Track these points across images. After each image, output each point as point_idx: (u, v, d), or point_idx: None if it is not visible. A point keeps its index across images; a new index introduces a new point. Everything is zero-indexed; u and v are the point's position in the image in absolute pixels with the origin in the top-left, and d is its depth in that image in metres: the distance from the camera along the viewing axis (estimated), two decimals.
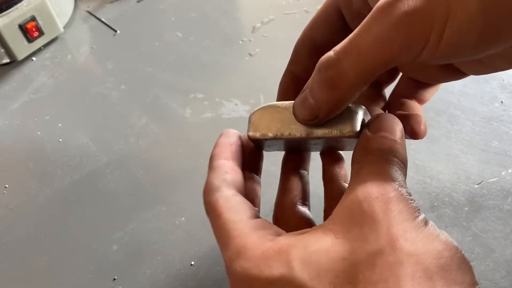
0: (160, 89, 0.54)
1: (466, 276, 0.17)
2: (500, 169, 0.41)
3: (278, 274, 0.19)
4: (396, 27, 0.18)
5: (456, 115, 0.46)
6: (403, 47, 0.19)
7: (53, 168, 0.47)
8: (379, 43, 0.19)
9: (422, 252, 0.17)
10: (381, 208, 0.18)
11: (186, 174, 0.45)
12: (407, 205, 0.19)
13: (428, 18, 0.18)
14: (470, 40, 0.18)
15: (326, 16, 0.27)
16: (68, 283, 0.39)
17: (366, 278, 0.17)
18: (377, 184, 0.19)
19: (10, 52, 0.58)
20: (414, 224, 0.18)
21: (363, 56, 0.19)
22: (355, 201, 0.19)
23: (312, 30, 0.27)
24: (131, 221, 0.42)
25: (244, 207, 0.23)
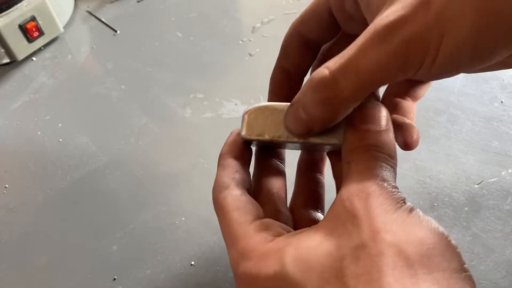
0: (160, 89, 0.54)
1: (452, 262, 0.18)
2: (500, 169, 0.41)
3: (273, 271, 0.20)
4: (394, 53, 0.19)
5: (456, 115, 0.46)
6: (400, 70, 0.20)
7: (53, 168, 0.47)
8: (377, 66, 0.20)
9: (403, 242, 0.18)
10: (361, 205, 0.19)
11: (186, 174, 0.45)
12: (388, 198, 0.19)
13: (423, 44, 0.19)
14: (463, 60, 0.19)
15: (316, 13, 0.26)
16: (68, 283, 0.39)
17: (351, 271, 0.18)
18: (358, 182, 0.20)
19: (10, 52, 0.58)
20: (395, 215, 0.19)
21: (361, 77, 0.20)
22: (339, 201, 0.20)
23: (302, 25, 0.27)
24: (131, 221, 0.42)
25: (251, 208, 0.23)
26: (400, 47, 0.19)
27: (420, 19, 0.19)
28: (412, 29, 0.19)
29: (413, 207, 0.19)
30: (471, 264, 0.36)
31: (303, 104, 0.22)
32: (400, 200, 0.19)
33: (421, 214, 0.19)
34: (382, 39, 0.19)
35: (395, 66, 0.20)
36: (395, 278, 0.17)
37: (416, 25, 0.19)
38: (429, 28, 0.19)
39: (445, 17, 0.18)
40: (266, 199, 0.27)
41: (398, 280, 0.17)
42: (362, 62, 0.20)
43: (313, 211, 0.28)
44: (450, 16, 0.18)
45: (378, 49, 0.19)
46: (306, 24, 0.27)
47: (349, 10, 0.25)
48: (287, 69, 0.28)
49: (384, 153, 0.21)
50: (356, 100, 0.21)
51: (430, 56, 0.19)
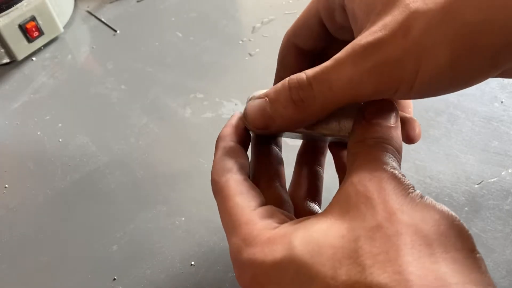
0: (160, 89, 0.54)
1: (465, 243, 0.18)
2: (500, 169, 0.41)
3: (280, 256, 0.19)
4: (368, 74, 0.20)
5: (456, 115, 0.46)
6: (374, 92, 0.20)
7: (53, 168, 0.47)
8: (350, 84, 0.20)
9: (419, 221, 0.18)
10: (375, 187, 0.19)
11: (186, 174, 0.45)
12: (400, 183, 0.19)
13: (398, 70, 0.19)
14: (441, 86, 0.20)
15: (307, 24, 0.27)
16: (68, 283, 0.39)
17: (366, 251, 0.17)
18: (370, 168, 0.20)
19: (10, 52, 0.58)
20: (409, 198, 0.19)
21: (333, 91, 0.21)
22: (350, 185, 0.20)
23: (295, 37, 0.28)
24: (131, 221, 0.42)
25: (254, 194, 0.23)
26: (374, 68, 0.19)
27: (397, 44, 0.19)
28: (387, 53, 0.19)
29: (423, 194, 0.20)
30: None
31: (272, 100, 0.23)
32: (411, 187, 0.20)
33: (432, 200, 0.19)
34: (357, 57, 0.20)
35: (369, 87, 0.20)
36: (413, 257, 0.17)
37: (392, 49, 0.19)
38: (405, 53, 0.19)
39: (423, 45, 0.18)
40: (268, 186, 0.26)
41: (417, 259, 0.17)
42: (336, 76, 0.20)
43: (311, 202, 0.28)
44: (428, 44, 0.18)
45: (353, 66, 0.20)
46: (299, 36, 0.27)
47: (339, 21, 0.25)
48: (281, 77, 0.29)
49: (392, 147, 0.22)
50: (324, 112, 0.22)
51: (406, 82, 0.19)
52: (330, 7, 0.25)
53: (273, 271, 0.19)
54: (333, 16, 0.25)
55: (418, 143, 0.44)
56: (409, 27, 0.19)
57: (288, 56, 0.28)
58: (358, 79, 0.20)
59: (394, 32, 0.19)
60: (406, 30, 0.19)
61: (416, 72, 0.19)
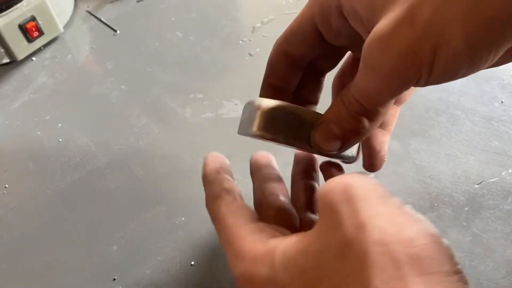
0: (160, 89, 0.54)
1: (444, 265, 0.16)
2: (500, 169, 0.41)
3: (265, 275, 0.20)
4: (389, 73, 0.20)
5: (456, 115, 0.46)
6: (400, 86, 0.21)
7: (53, 168, 0.47)
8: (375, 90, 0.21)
9: (392, 241, 0.17)
10: (341, 197, 0.18)
11: (186, 174, 0.45)
12: (372, 189, 0.19)
13: (415, 58, 0.19)
14: (459, 68, 0.19)
15: (301, 32, 0.26)
16: (68, 283, 0.39)
17: (339, 272, 0.17)
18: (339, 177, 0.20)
19: (10, 52, 0.58)
20: (382, 208, 0.18)
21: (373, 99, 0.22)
22: (319, 197, 0.20)
23: (287, 44, 0.27)
24: (131, 221, 0.42)
25: (244, 212, 0.24)
26: (395, 67, 0.19)
27: (406, 35, 0.19)
28: (401, 46, 0.19)
29: (402, 203, 0.18)
30: (471, 264, 0.36)
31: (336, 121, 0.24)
32: (387, 193, 0.19)
33: (412, 211, 0.18)
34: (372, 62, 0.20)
35: (394, 84, 0.20)
36: (382, 281, 0.16)
37: (404, 41, 0.19)
38: (417, 41, 0.19)
39: (434, 28, 0.18)
40: (272, 200, 0.27)
41: (386, 282, 0.16)
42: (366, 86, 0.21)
43: (311, 214, 0.29)
44: (438, 26, 0.18)
45: (373, 73, 0.20)
46: (291, 43, 0.27)
47: (336, 26, 0.24)
48: (275, 86, 0.29)
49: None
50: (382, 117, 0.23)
51: (426, 67, 0.19)
52: (325, 12, 0.24)
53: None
54: (328, 21, 0.24)
55: (418, 143, 0.44)
56: (414, 15, 0.18)
57: (279, 64, 0.28)
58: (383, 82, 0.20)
59: (400, 24, 0.19)
60: (412, 18, 0.18)
61: (433, 55, 0.19)
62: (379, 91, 0.21)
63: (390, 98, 0.22)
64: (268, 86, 0.29)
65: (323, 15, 0.24)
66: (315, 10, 0.25)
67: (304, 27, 0.26)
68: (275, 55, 0.28)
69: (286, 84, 0.28)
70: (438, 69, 0.19)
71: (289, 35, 0.27)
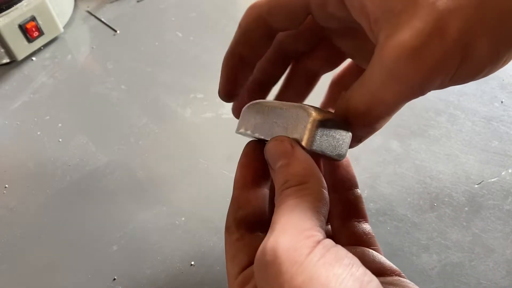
0: (160, 89, 0.54)
1: None
2: (500, 169, 0.41)
3: None
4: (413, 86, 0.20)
5: (456, 115, 0.46)
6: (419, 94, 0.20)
7: (53, 168, 0.47)
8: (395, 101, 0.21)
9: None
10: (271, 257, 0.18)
11: (186, 174, 0.45)
12: (298, 242, 0.18)
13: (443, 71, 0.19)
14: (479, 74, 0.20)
15: (289, 8, 0.24)
16: (68, 283, 0.39)
17: None
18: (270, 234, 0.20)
19: (10, 52, 0.58)
20: (308, 260, 0.17)
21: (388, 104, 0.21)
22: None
23: (269, 16, 0.25)
24: (131, 221, 0.42)
25: (241, 258, 0.23)
26: (422, 79, 0.19)
27: (437, 48, 0.19)
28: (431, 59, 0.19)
29: (323, 251, 0.18)
30: (471, 264, 0.36)
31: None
32: (306, 249, 0.18)
33: (327, 267, 0.17)
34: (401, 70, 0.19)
35: (415, 94, 0.20)
36: None
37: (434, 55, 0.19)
38: (446, 54, 0.19)
39: (463, 43, 0.19)
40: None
41: None
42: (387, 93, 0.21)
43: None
44: (467, 40, 0.18)
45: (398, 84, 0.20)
46: (274, 15, 0.25)
47: (331, 11, 0.23)
48: (244, 56, 0.27)
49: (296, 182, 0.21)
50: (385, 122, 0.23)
51: (447, 75, 0.20)
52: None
53: None
54: (325, 4, 0.23)
55: (418, 143, 0.44)
56: (444, 28, 0.18)
57: (254, 33, 0.26)
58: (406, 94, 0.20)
59: (430, 37, 0.19)
60: (442, 31, 0.18)
61: (457, 67, 0.19)
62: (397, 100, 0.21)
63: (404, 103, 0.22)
64: (236, 54, 0.27)
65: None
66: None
67: (293, 4, 0.24)
68: (252, 23, 0.26)
69: (255, 55, 0.27)
70: (460, 75, 0.20)
71: (273, 7, 0.25)
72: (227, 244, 0.24)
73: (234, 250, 0.23)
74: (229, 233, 0.24)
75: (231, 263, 0.23)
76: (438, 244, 0.37)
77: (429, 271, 0.36)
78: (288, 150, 0.22)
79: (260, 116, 0.25)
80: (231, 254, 0.24)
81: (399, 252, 0.37)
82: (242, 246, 0.24)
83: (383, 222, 0.39)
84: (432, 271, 0.36)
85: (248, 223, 0.24)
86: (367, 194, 0.41)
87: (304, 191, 0.21)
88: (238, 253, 0.23)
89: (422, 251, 0.37)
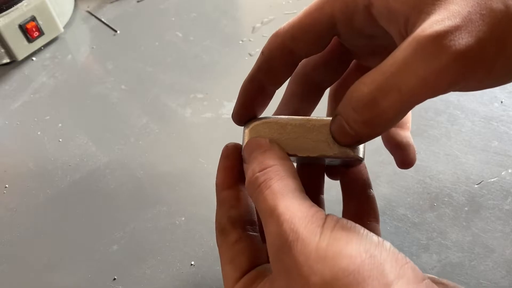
0: (160, 89, 0.54)
1: (382, 277, 0.17)
2: (500, 169, 0.41)
3: None
4: (446, 68, 0.17)
5: (456, 115, 0.46)
6: (450, 86, 0.18)
7: (53, 168, 0.47)
8: (424, 84, 0.18)
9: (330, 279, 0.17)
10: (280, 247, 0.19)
11: (186, 174, 0.45)
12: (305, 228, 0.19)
13: (478, 59, 0.17)
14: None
15: (314, 30, 0.23)
16: (68, 283, 0.39)
17: None
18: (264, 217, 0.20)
19: (10, 52, 0.58)
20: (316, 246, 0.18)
21: (404, 96, 0.18)
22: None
23: (293, 42, 0.24)
24: (131, 221, 0.42)
25: (241, 260, 0.23)
26: (453, 63, 0.17)
27: (475, 31, 0.17)
28: (467, 42, 0.17)
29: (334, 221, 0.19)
30: (471, 264, 0.36)
31: (346, 119, 0.21)
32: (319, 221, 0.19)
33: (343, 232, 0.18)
34: (429, 53, 0.17)
35: (445, 82, 0.18)
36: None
37: (472, 37, 0.17)
38: (486, 41, 0.17)
39: (502, 30, 0.17)
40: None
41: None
42: (406, 80, 0.18)
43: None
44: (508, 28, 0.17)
45: (425, 65, 0.17)
46: (299, 41, 0.24)
47: (359, 26, 0.22)
48: (263, 83, 0.26)
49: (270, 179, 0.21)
50: (400, 118, 0.20)
51: (485, 69, 0.18)
52: (349, 10, 0.22)
53: None
54: (351, 20, 0.22)
55: (418, 143, 0.44)
56: (484, 11, 0.17)
57: (278, 61, 0.25)
58: (434, 77, 0.17)
59: (469, 18, 0.17)
60: (482, 14, 0.17)
61: (497, 58, 0.17)
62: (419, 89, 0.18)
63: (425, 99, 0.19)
64: (256, 81, 0.26)
65: (347, 13, 0.22)
66: (336, 6, 0.22)
67: (319, 24, 0.23)
68: (276, 51, 0.25)
69: (275, 83, 0.26)
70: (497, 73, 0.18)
71: (298, 32, 0.23)
72: (222, 247, 0.24)
73: (233, 253, 0.23)
74: (225, 234, 0.24)
75: (231, 266, 0.23)
76: (438, 244, 0.37)
77: (429, 271, 0.36)
78: (265, 144, 0.23)
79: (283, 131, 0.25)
80: (229, 256, 0.23)
81: None
82: (241, 249, 0.23)
83: (383, 222, 0.39)
84: (432, 271, 0.36)
85: (243, 222, 0.24)
86: None
87: (284, 172, 0.21)
88: (238, 256, 0.23)
89: (422, 251, 0.37)
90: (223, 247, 0.24)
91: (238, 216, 0.24)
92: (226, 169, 0.25)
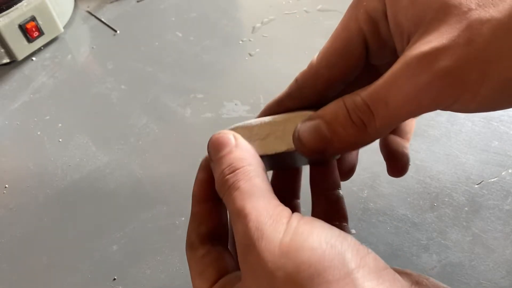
0: (160, 89, 0.54)
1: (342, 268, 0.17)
2: (500, 169, 0.41)
3: None
4: (428, 86, 0.18)
5: (456, 115, 0.46)
6: (432, 104, 0.19)
7: (53, 168, 0.47)
8: (407, 99, 0.19)
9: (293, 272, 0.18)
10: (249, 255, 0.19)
11: (186, 174, 0.45)
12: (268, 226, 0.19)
13: (460, 80, 0.18)
14: (504, 99, 0.18)
15: (347, 51, 0.23)
16: (68, 283, 0.39)
17: None
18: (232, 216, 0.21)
19: (10, 52, 0.58)
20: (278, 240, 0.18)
21: (390, 110, 0.19)
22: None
23: (328, 69, 0.23)
24: (131, 221, 0.42)
25: (210, 272, 0.23)
26: (433, 81, 0.18)
27: (460, 53, 0.17)
28: (448, 62, 0.18)
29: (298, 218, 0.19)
30: (471, 264, 0.36)
31: (330, 121, 0.21)
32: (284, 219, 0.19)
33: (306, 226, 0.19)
34: (413, 71, 0.18)
35: (427, 99, 0.18)
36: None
37: (454, 58, 0.17)
38: (469, 63, 0.17)
39: (488, 55, 0.17)
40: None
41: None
42: (393, 94, 0.19)
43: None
44: (493, 54, 0.17)
45: (409, 81, 0.18)
46: (333, 65, 0.23)
47: (384, 36, 0.22)
48: (289, 108, 0.26)
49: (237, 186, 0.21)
50: (384, 132, 0.20)
51: (470, 92, 0.18)
52: (373, 19, 0.22)
53: None
54: (377, 29, 0.22)
55: (418, 143, 0.44)
56: (472, 36, 0.17)
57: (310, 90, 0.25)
58: (415, 94, 0.18)
59: (454, 41, 0.18)
60: (469, 38, 0.17)
61: (480, 82, 0.18)
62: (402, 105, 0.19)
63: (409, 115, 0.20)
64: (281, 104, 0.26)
65: (372, 23, 0.22)
66: (360, 18, 0.22)
67: (351, 43, 0.22)
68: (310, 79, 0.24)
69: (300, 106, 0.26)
70: (484, 95, 0.18)
71: (332, 57, 0.23)
72: (191, 261, 0.24)
73: (201, 266, 0.24)
74: (193, 249, 0.24)
75: (200, 279, 0.23)
76: (438, 244, 0.37)
77: (429, 271, 0.36)
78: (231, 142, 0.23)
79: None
80: (198, 270, 0.24)
81: (399, 252, 0.37)
82: (209, 262, 0.24)
83: (383, 222, 0.39)
84: (432, 271, 0.36)
85: (211, 237, 0.24)
86: (367, 194, 0.41)
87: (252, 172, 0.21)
88: (207, 269, 0.23)
89: (422, 251, 0.37)
90: (192, 261, 0.24)
91: (207, 232, 0.25)
92: (201, 181, 0.26)
